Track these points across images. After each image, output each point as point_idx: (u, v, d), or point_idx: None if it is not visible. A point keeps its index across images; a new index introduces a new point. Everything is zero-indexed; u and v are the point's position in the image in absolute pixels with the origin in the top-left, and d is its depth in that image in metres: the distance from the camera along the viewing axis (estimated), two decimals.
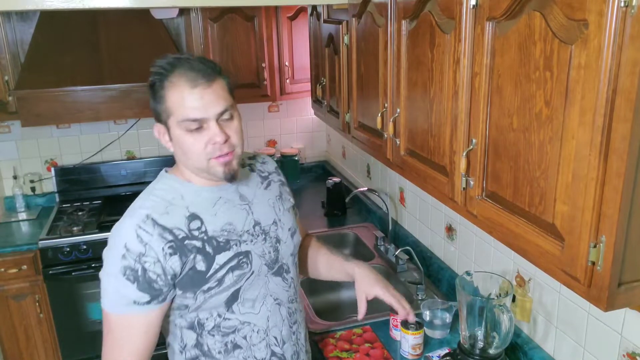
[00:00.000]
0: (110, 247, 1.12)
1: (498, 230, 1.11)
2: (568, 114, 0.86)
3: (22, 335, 2.65)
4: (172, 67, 1.08)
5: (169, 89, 1.08)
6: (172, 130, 1.11)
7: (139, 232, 1.09)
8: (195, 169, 1.15)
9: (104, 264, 1.12)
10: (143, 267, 1.07)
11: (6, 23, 2.60)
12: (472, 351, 1.43)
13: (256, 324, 1.22)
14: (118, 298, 1.09)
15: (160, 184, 1.18)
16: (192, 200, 1.16)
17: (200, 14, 2.75)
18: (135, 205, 1.15)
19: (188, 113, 1.07)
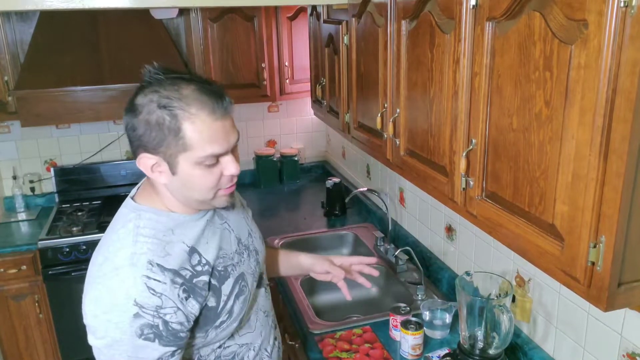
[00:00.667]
0: (108, 308, 0.95)
1: (498, 230, 1.11)
2: (568, 114, 0.86)
3: (21, 335, 2.65)
4: (191, 92, 0.95)
5: (186, 121, 0.94)
6: (182, 165, 0.97)
7: (150, 283, 0.95)
8: (193, 201, 1.04)
9: (100, 330, 0.96)
10: (164, 321, 0.96)
11: (6, 23, 2.60)
12: (472, 351, 1.43)
13: (253, 342, 1.20)
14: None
15: (142, 222, 1.02)
16: (183, 233, 1.04)
17: (200, 14, 2.75)
18: (120, 251, 0.98)
19: (213, 149, 0.96)
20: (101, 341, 0.96)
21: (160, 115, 0.94)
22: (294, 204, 3.05)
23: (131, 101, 0.99)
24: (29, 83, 2.48)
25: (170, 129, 0.94)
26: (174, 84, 0.96)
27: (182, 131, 0.94)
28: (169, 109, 0.93)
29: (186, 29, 2.84)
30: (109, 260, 0.99)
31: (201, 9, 2.74)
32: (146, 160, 0.99)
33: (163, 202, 1.05)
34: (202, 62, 2.82)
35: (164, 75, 0.98)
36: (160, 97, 0.94)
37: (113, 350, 0.95)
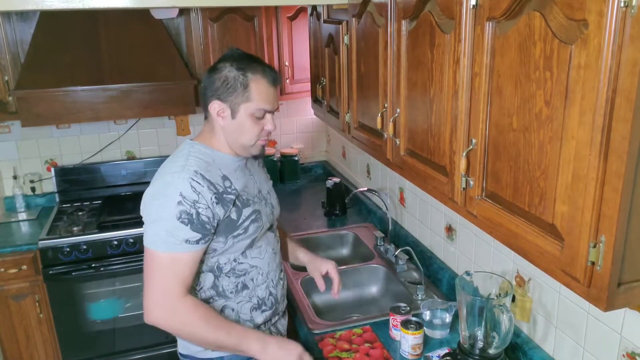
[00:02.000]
0: (161, 196, 1.30)
1: (498, 230, 1.11)
2: (568, 114, 0.86)
3: (22, 335, 2.65)
4: (254, 64, 1.37)
5: (253, 82, 1.35)
6: (240, 112, 1.36)
7: (193, 183, 1.30)
8: (238, 144, 1.41)
9: (152, 212, 1.32)
10: (197, 212, 1.29)
11: (6, 23, 2.60)
12: (472, 351, 1.43)
13: (261, 267, 1.48)
14: (171, 239, 1.28)
15: (195, 150, 1.39)
16: (221, 164, 1.40)
17: (200, 14, 2.75)
18: (176, 164, 1.35)
19: (265, 105, 1.37)
20: (151, 218, 1.32)
21: (237, 74, 1.35)
22: (294, 204, 3.05)
23: (214, 65, 1.40)
24: (29, 83, 2.48)
25: (241, 84, 1.35)
26: (248, 59, 1.38)
27: (249, 87, 1.35)
28: (243, 71, 1.35)
29: (186, 29, 2.84)
30: (165, 169, 1.37)
31: (201, 9, 2.74)
32: (216, 106, 1.38)
33: (213, 143, 1.42)
34: (202, 62, 2.82)
35: (242, 53, 1.40)
36: (238, 64, 1.36)
37: (158, 225, 1.30)
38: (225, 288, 1.43)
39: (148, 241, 1.32)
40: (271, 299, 1.52)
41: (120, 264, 2.65)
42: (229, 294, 1.44)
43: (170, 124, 3.19)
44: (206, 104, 1.40)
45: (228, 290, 1.44)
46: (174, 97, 2.69)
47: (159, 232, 1.29)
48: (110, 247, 2.62)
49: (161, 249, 1.30)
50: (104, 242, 2.62)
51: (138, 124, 3.12)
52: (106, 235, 2.62)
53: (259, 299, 1.49)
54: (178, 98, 2.70)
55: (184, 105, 2.74)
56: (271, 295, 1.52)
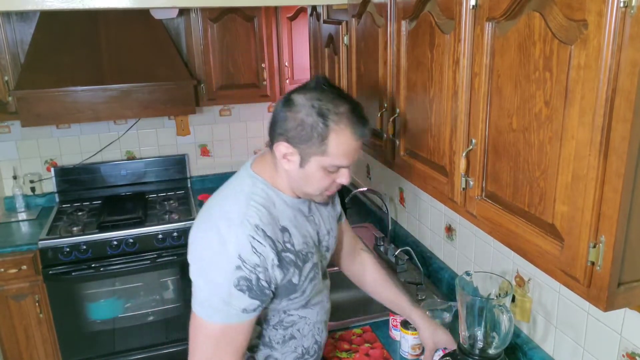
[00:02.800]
0: (215, 254, 1.10)
1: (498, 230, 1.11)
2: (568, 114, 0.86)
3: (21, 335, 2.65)
4: (345, 111, 1.10)
5: (335, 132, 1.09)
6: (311, 164, 1.13)
7: (254, 243, 1.10)
8: (301, 191, 1.20)
9: (203, 270, 1.11)
10: (257, 277, 1.10)
11: (6, 23, 2.60)
12: (472, 351, 1.43)
13: (310, 318, 1.33)
14: (226, 308, 1.10)
15: (257, 190, 1.18)
16: (282, 211, 1.19)
17: (200, 15, 2.75)
18: (234, 210, 1.14)
19: (342, 161, 1.13)
20: (203, 280, 1.12)
21: (316, 120, 1.09)
22: None
23: (291, 95, 1.13)
24: (29, 83, 2.48)
25: (319, 134, 1.09)
26: (335, 99, 1.11)
27: (328, 139, 1.10)
28: (324, 118, 1.09)
29: (186, 29, 2.84)
30: (223, 212, 1.14)
31: (201, 9, 2.74)
32: (283, 149, 1.14)
33: (274, 179, 1.21)
34: (202, 62, 2.83)
35: (328, 87, 1.13)
36: (320, 105, 1.09)
37: (211, 290, 1.10)
38: (272, 339, 1.29)
39: (198, 307, 1.12)
40: (315, 347, 1.38)
41: (120, 264, 2.65)
42: (275, 344, 1.29)
43: (170, 124, 3.19)
44: (272, 140, 1.17)
45: (274, 341, 1.29)
46: (173, 97, 2.69)
47: (211, 300, 1.10)
48: (110, 247, 2.62)
49: (214, 320, 1.11)
50: (103, 242, 2.62)
51: (138, 124, 3.12)
52: (106, 235, 2.62)
53: (304, 349, 1.34)
54: (178, 98, 2.70)
55: (184, 106, 2.74)
56: (316, 344, 1.38)
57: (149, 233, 2.67)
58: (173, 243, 2.71)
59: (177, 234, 2.70)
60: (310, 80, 1.17)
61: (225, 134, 3.30)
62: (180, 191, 3.19)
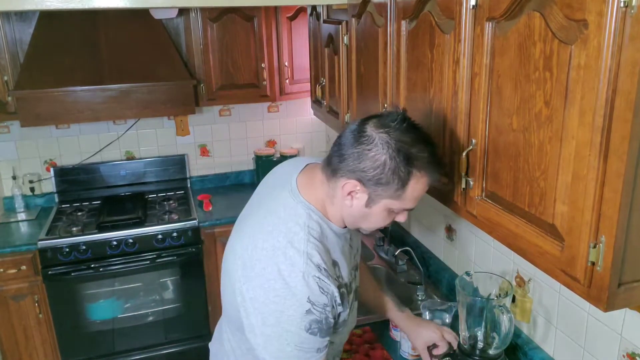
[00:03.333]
0: (282, 301, 1.02)
1: (498, 230, 1.10)
2: (568, 114, 0.86)
3: (21, 335, 2.65)
4: (427, 156, 1.04)
5: (415, 180, 1.04)
6: (379, 205, 1.07)
7: (321, 283, 1.03)
8: (354, 225, 1.14)
9: (271, 319, 1.04)
10: (327, 317, 1.05)
11: (5, 23, 2.59)
12: (472, 352, 1.43)
13: (336, 342, 1.27)
14: (301, 355, 1.05)
15: (312, 223, 1.09)
16: (332, 243, 1.13)
17: (199, 14, 2.75)
18: (296, 247, 1.05)
19: (412, 204, 1.08)
20: (271, 329, 1.04)
21: (399, 165, 1.01)
22: None
23: (367, 130, 1.04)
24: (28, 83, 2.48)
25: (401, 180, 1.03)
26: (417, 142, 1.04)
27: (407, 186, 1.04)
28: (408, 164, 1.02)
29: (186, 29, 2.84)
30: (280, 252, 1.05)
31: (201, 9, 2.74)
32: (350, 187, 1.06)
33: (325, 208, 1.12)
34: (202, 62, 2.82)
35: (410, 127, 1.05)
36: (405, 149, 1.02)
37: (282, 339, 1.03)
38: None
39: (269, 357, 1.06)
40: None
41: (119, 265, 2.65)
42: None
43: (169, 124, 3.19)
44: (337, 173, 1.07)
45: None
46: (173, 97, 2.69)
47: (284, 349, 1.04)
48: (109, 247, 2.62)
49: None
50: (103, 242, 2.61)
51: (137, 124, 3.12)
52: (105, 235, 2.62)
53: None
54: (177, 98, 2.70)
55: (184, 106, 2.74)
56: (336, 355, 1.35)
57: (148, 233, 2.67)
58: (173, 243, 2.70)
59: (176, 234, 2.70)
60: (391, 113, 1.07)
61: (224, 134, 3.29)
62: (180, 191, 3.18)
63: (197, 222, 2.74)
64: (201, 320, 2.84)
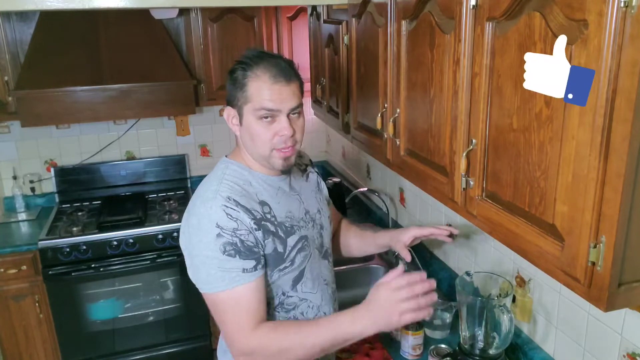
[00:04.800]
0: (198, 232, 1.17)
1: (498, 230, 1.10)
2: (568, 114, 0.86)
3: (21, 335, 2.65)
4: (259, 60, 1.21)
5: (252, 79, 1.19)
6: (245, 116, 1.22)
7: (227, 210, 1.17)
8: (257, 155, 1.26)
9: (195, 252, 1.18)
10: (240, 240, 1.17)
11: (6, 23, 2.59)
12: (472, 351, 1.43)
13: (312, 300, 1.35)
14: (225, 275, 1.16)
15: (229, 171, 1.27)
16: (259, 188, 1.27)
17: (200, 14, 2.75)
18: (209, 190, 1.22)
19: (265, 103, 1.19)
20: (197, 259, 1.18)
21: (238, 72, 1.22)
22: None
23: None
24: (28, 83, 2.48)
25: (240, 83, 1.21)
26: (257, 56, 1.22)
27: (247, 85, 1.20)
28: (243, 69, 1.21)
29: (186, 29, 2.84)
30: (199, 196, 1.23)
31: (201, 9, 2.74)
32: (227, 112, 1.26)
33: (246, 161, 1.29)
34: (202, 62, 2.82)
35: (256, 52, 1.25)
36: (243, 59, 1.22)
37: (206, 265, 1.17)
38: None
39: (204, 287, 1.19)
40: None
41: (119, 265, 2.65)
42: None
43: (170, 124, 3.19)
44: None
45: None
46: (173, 97, 2.69)
47: (210, 274, 1.17)
48: (109, 247, 2.62)
49: (221, 289, 1.17)
50: (103, 242, 2.61)
51: (138, 124, 3.12)
52: (106, 235, 2.62)
53: None
54: (178, 98, 2.70)
55: (184, 106, 2.74)
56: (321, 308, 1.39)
57: (148, 233, 2.67)
58: (173, 243, 2.71)
59: (177, 234, 2.69)
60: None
61: (225, 134, 3.29)
62: (180, 191, 3.18)
63: None
64: (201, 320, 2.84)
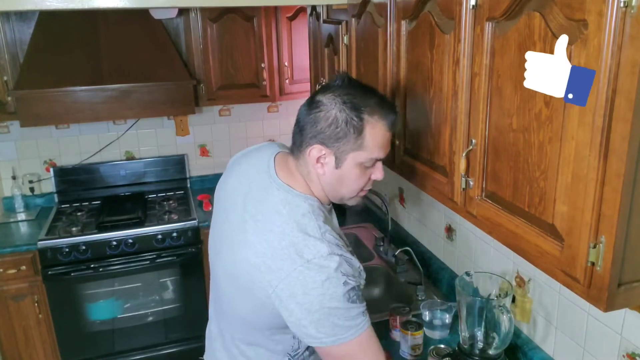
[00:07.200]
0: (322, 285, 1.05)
1: (498, 230, 1.10)
2: (568, 114, 0.86)
3: (21, 336, 2.65)
4: (376, 103, 1.11)
5: (370, 124, 1.10)
6: (347, 161, 1.12)
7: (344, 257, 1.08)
8: (336, 195, 1.18)
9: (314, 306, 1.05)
10: (359, 283, 1.10)
11: (5, 23, 2.59)
12: (472, 352, 1.43)
13: None
14: (353, 323, 1.07)
15: (314, 209, 1.14)
16: (329, 220, 1.18)
17: (199, 14, 2.75)
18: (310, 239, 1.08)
19: (379, 154, 1.13)
20: (319, 314, 1.06)
21: (349, 115, 1.09)
22: None
23: (316, 98, 1.13)
24: (28, 83, 2.48)
25: (355, 129, 1.09)
26: (362, 93, 1.12)
27: (364, 132, 1.09)
28: (358, 111, 1.09)
29: (186, 29, 2.84)
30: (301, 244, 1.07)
31: (201, 9, 2.74)
32: (316, 152, 1.12)
33: (310, 188, 1.17)
34: (202, 62, 2.82)
35: (353, 83, 1.15)
36: (352, 99, 1.09)
37: (332, 317, 1.06)
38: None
39: (331, 339, 1.07)
40: None
41: (119, 265, 2.64)
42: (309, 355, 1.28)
43: (169, 124, 3.19)
44: (302, 146, 1.15)
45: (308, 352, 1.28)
46: (173, 97, 2.69)
47: (337, 324, 1.06)
48: (109, 247, 2.62)
49: (350, 338, 1.08)
50: (103, 242, 2.61)
51: (137, 124, 3.12)
52: (105, 235, 2.62)
53: None
54: (177, 98, 2.70)
55: (183, 106, 2.74)
56: None
57: (148, 233, 2.67)
58: (172, 243, 2.70)
59: (176, 234, 2.70)
60: (333, 79, 1.15)
61: (224, 134, 3.29)
62: (180, 191, 3.18)
63: (197, 222, 2.74)
64: (201, 320, 2.83)
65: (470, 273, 1.51)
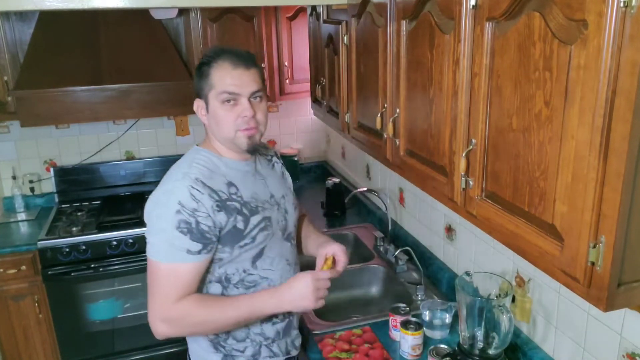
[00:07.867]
0: (160, 206, 1.28)
1: (497, 230, 1.11)
2: (567, 114, 0.86)
3: (21, 336, 2.65)
4: (221, 52, 1.34)
5: (214, 68, 1.32)
6: (211, 102, 1.33)
7: (192, 191, 1.27)
8: (224, 139, 1.36)
9: (153, 222, 1.29)
10: (197, 221, 1.26)
11: (5, 23, 2.59)
12: (472, 352, 1.43)
13: (272, 279, 1.43)
14: (171, 249, 1.26)
15: (199, 156, 1.36)
16: (227, 171, 1.37)
17: (199, 14, 2.75)
18: (179, 172, 1.32)
19: (227, 87, 1.31)
20: (152, 229, 1.30)
21: (202, 67, 1.34)
22: None
23: None
24: (28, 83, 2.48)
25: (205, 74, 1.33)
26: (218, 49, 1.36)
27: (210, 74, 1.32)
28: (206, 62, 1.34)
29: (185, 29, 2.84)
30: (168, 176, 1.35)
31: (201, 9, 2.74)
32: (196, 104, 1.38)
33: (216, 148, 1.39)
34: None
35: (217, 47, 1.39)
36: (205, 54, 1.37)
37: (158, 236, 1.28)
38: None
39: (150, 252, 1.30)
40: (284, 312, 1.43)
41: (119, 265, 2.65)
42: None
43: (169, 124, 3.19)
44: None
45: None
46: (173, 97, 2.69)
47: (159, 243, 1.28)
48: (109, 247, 2.62)
49: (162, 260, 1.28)
50: (103, 242, 2.61)
51: (137, 124, 3.12)
52: (105, 235, 2.62)
53: None
54: (177, 98, 2.69)
55: (183, 106, 2.73)
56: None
57: None
58: None
59: None
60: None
61: None
62: None
63: None
64: None
65: (470, 273, 1.51)
